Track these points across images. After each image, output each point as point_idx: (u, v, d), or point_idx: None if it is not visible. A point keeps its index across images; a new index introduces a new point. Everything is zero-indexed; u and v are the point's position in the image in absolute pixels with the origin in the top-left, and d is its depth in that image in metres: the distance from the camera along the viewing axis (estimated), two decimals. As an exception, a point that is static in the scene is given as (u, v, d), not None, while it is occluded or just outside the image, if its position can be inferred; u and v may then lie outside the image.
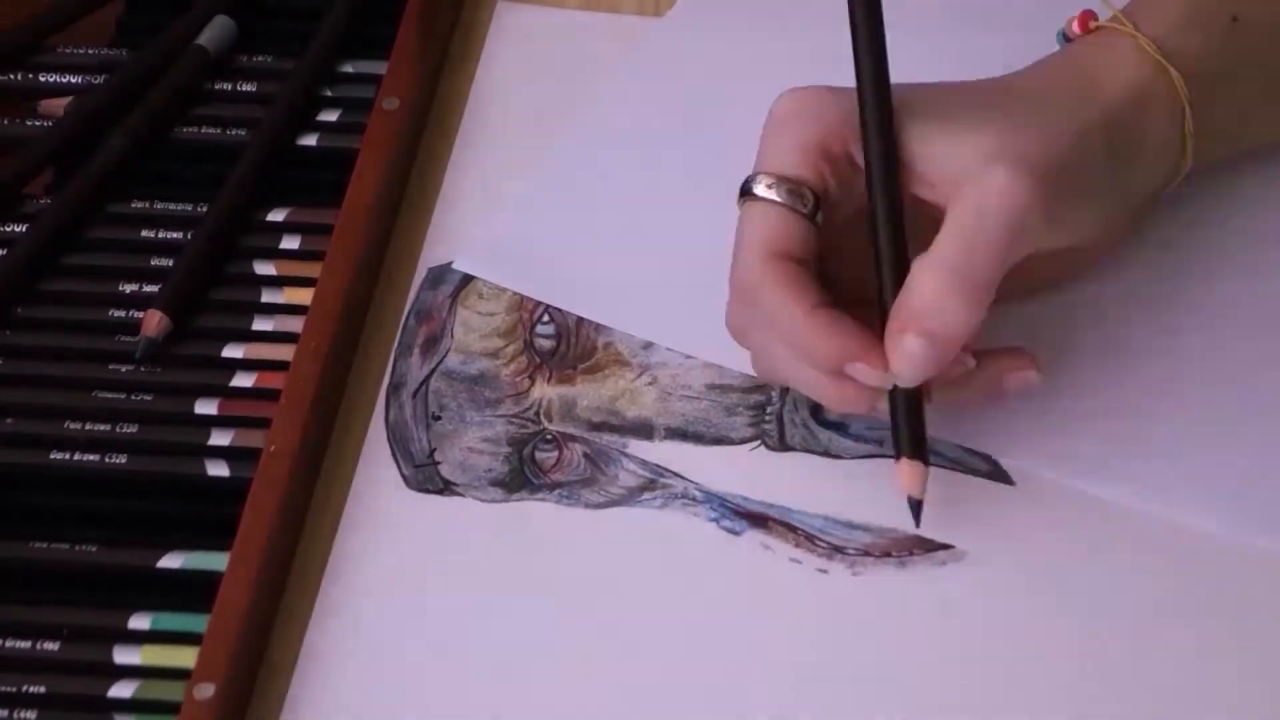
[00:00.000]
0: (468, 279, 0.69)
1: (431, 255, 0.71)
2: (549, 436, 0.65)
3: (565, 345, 0.68)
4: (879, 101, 0.60)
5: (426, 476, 0.64)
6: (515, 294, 0.69)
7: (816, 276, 0.61)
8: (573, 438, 0.65)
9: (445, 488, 0.64)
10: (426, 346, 0.68)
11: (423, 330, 0.68)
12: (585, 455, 0.65)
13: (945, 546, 0.62)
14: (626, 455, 0.65)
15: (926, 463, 0.60)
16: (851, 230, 0.62)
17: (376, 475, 0.64)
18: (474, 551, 0.62)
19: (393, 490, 0.64)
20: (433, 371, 0.67)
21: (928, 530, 0.62)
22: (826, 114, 0.61)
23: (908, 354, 0.59)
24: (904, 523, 0.62)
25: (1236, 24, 0.64)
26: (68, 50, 0.77)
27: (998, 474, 0.63)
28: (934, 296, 0.58)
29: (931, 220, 0.60)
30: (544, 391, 0.66)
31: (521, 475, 0.64)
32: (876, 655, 0.59)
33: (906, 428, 0.60)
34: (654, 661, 0.59)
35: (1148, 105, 0.63)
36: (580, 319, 0.68)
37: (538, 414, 0.66)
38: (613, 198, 0.72)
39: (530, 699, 0.59)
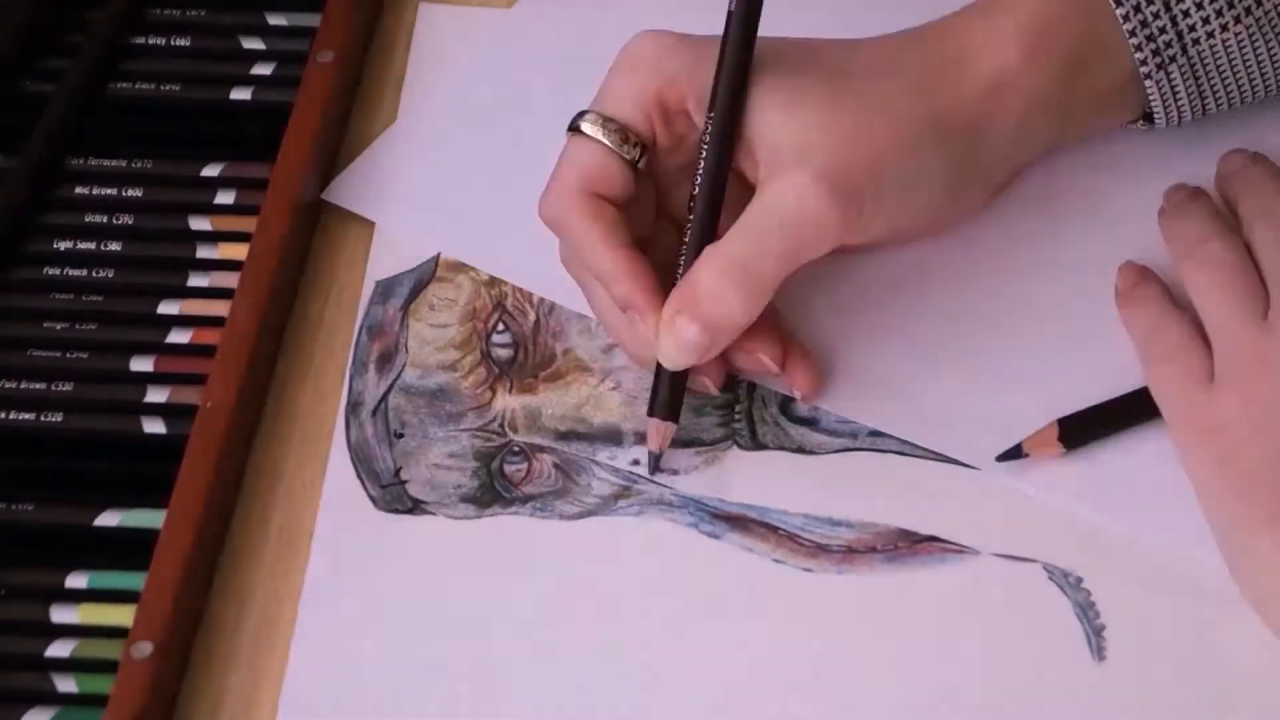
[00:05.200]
0: (417, 291, 0.68)
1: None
2: (516, 448, 0.64)
3: (523, 354, 0.67)
4: (733, 84, 0.61)
5: (394, 496, 0.63)
6: (468, 304, 0.68)
7: (630, 221, 0.62)
8: (541, 448, 0.64)
9: (414, 507, 0.63)
10: (381, 362, 0.66)
11: (376, 346, 0.67)
12: (555, 465, 0.64)
13: (930, 538, 0.61)
14: (597, 463, 0.64)
15: (676, 422, 0.62)
16: (676, 182, 0.63)
17: (342, 498, 0.63)
18: (450, 571, 0.61)
19: (361, 512, 0.62)
20: (390, 388, 0.66)
21: (910, 523, 0.61)
22: (669, 65, 0.62)
23: (678, 339, 0.60)
24: (886, 516, 0.62)
25: (1119, 8, 0.64)
26: None
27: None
28: (714, 286, 0.59)
29: (747, 187, 0.61)
30: (506, 402, 0.65)
31: (492, 490, 0.63)
32: (867, 652, 0.59)
33: (666, 392, 0.62)
34: (641, 671, 0.59)
35: (1005, 98, 0.63)
36: (536, 325, 0.67)
37: (502, 426, 0.65)
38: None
39: (520, 717, 0.58)
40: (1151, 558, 0.60)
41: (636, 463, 0.63)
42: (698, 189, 0.61)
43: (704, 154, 0.61)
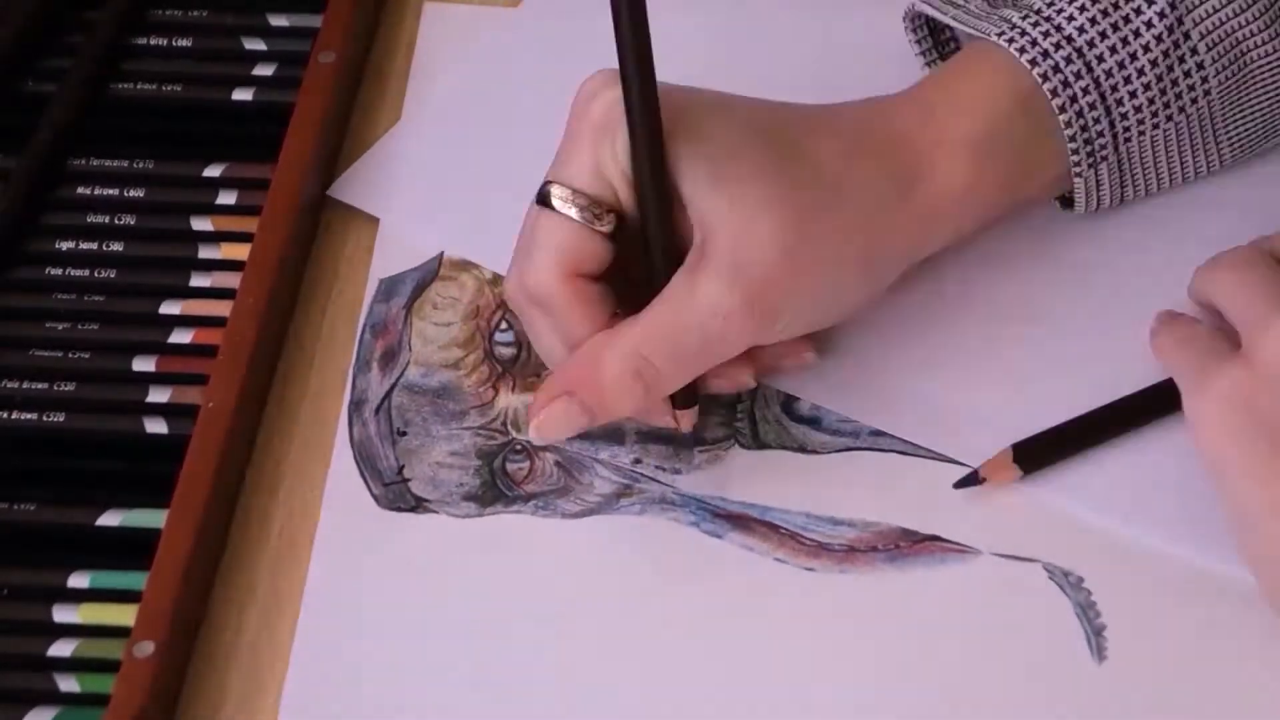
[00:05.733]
0: (420, 289, 0.68)
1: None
2: (518, 447, 0.64)
3: (527, 352, 0.66)
4: (649, 138, 0.57)
5: (397, 494, 0.63)
6: (471, 303, 0.68)
7: (610, 282, 0.60)
8: (543, 447, 0.64)
9: (417, 505, 0.63)
10: (385, 361, 0.66)
11: (379, 344, 0.67)
12: (557, 464, 0.64)
13: (932, 538, 0.61)
14: (599, 462, 0.64)
15: (695, 404, 0.61)
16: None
17: (345, 496, 0.63)
18: (452, 569, 0.61)
19: (364, 511, 0.62)
20: (394, 386, 0.66)
21: (912, 522, 0.61)
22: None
23: (562, 419, 0.59)
24: (888, 516, 0.61)
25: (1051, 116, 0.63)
26: None
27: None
28: (620, 382, 0.58)
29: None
30: (509, 401, 0.65)
31: (494, 488, 0.63)
32: (869, 651, 0.59)
33: (680, 396, 0.61)
34: (643, 670, 0.59)
35: (945, 220, 0.62)
36: None
37: (505, 424, 0.65)
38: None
39: (523, 717, 0.58)
40: (1152, 558, 0.60)
41: (638, 461, 0.63)
42: (653, 253, 0.59)
43: (647, 232, 0.59)
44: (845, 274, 0.61)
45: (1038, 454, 0.62)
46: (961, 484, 0.62)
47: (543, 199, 0.59)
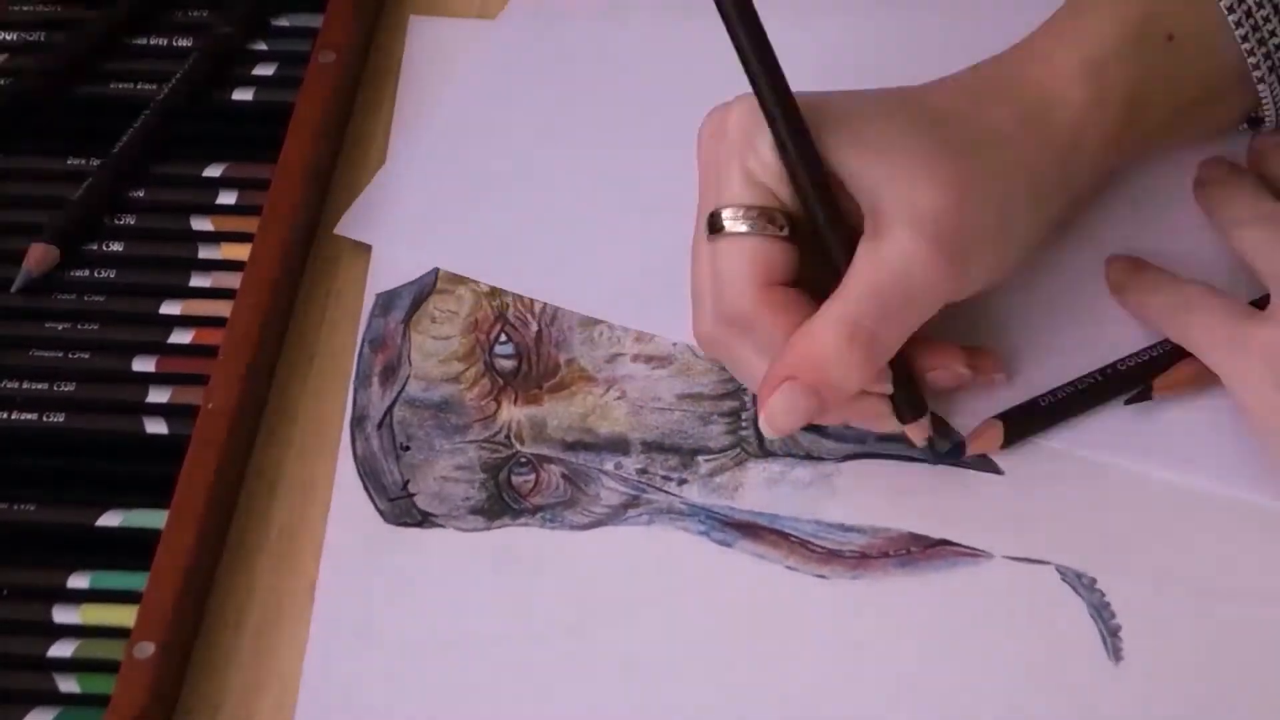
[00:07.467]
0: (417, 303, 0.68)
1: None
2: (523, 459, 0.64)
3: (527, 364, 0.66)
4: (787, 117, 0.58)
5: (403, 510, 0.63)
6: (469, 316, 0.68)
7: (805, 287, 0.60)
8: (548, 459, 0.64)
9: (423, 520, 0.63)
10: (385, 376, 0.66)
11: (379, 359, 0.67)
12: (563, 476, 0.63)
13: (943, 542, 0.61)
14: (605, 473, 0.64)
15: (925, 412, 0.61)
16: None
17: (351, 511, 0.63)
18: (461, 583, 0.61)
19: (370, 526, 0.62)
20: (395, 401, 0.65)
21: (922, 527, 0.61)
22: (761, 132, 0.59)
23: (790, 405, 0.58)
24: (897, 521, 0.61)
25: (1171, 42, 0.63)
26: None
27: (986, 464, 0.63)
28: (839, 352, 0.57)
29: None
30: (512, 413, 0.65)
31: (500, 501, 0.63)
32: (883, 657, 0.59)
33: (903, 393, 0.61)
34: (658, 681, 0.58)
35: (1083, 143, 0.62)
36: (538, 336, 0.67)
37: (508, 437, 0.65)
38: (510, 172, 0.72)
39: None
40: (1165, 558, 0.60)
41: (644, 471, 0.63)
42: (825, 234, 0.59)
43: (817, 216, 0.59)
44: (1016, 214, 0.60)
45: (1023, 427, 0.63)
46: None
47: (713, 227, 0.59)
